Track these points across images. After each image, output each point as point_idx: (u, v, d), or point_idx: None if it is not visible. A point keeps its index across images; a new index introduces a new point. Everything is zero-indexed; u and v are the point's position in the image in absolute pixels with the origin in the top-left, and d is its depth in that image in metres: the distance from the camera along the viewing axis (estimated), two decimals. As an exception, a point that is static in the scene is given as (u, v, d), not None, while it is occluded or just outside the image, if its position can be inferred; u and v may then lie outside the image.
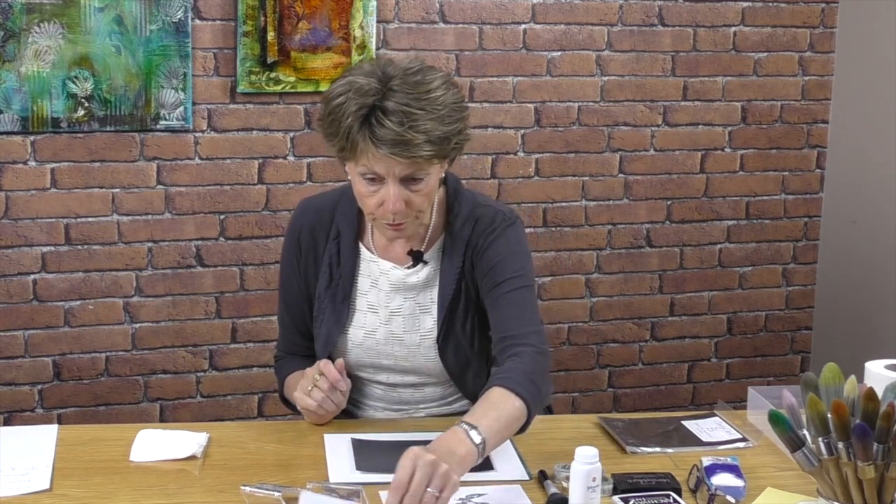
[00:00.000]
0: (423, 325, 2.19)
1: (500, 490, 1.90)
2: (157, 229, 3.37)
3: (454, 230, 2.17)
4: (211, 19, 3.30)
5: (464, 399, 2.27)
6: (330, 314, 2.20)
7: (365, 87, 1.97)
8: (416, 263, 2.18)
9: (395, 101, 1.95)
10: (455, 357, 2.19)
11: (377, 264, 2.20)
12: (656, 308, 3.88)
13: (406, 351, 2.20)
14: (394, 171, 1.98)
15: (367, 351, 2.21)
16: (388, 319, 2.20)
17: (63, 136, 3.24)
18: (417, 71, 2.01)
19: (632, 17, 3.67)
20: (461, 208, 2.19)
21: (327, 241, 2.21)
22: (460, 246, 2.16)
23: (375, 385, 2.27)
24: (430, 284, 2.19)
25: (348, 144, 1.99)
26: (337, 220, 2.22)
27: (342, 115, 1.97)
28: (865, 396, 1.59)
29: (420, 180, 2.01)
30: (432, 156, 1.98)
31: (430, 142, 1.96)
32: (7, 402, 3.33)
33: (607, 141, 3.73)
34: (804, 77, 3.88)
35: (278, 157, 3.44)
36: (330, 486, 1.85)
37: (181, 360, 3.47)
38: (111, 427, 2.32)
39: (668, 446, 2.09)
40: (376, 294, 2.20)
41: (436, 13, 3.49)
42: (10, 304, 3.29)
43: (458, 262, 2.16)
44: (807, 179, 3.95)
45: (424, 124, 1.95)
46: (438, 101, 1.98)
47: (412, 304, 2.20)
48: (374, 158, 1.97)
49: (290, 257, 2.27)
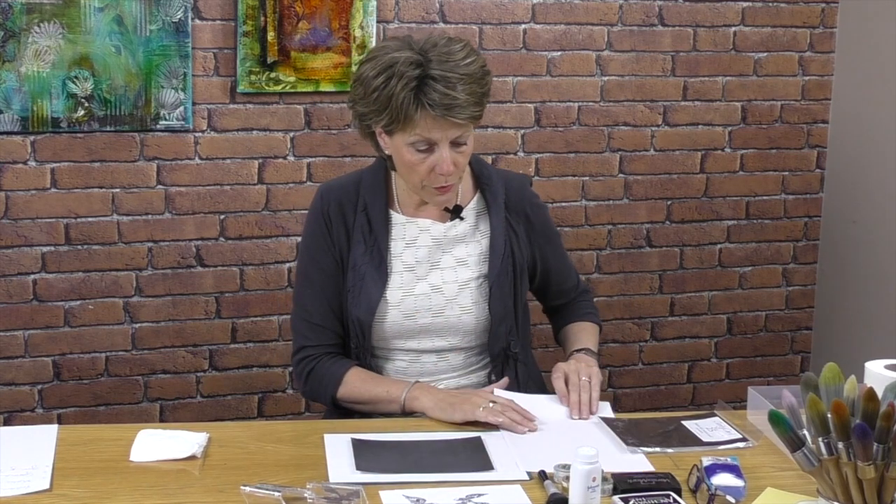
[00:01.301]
0: (460, 277, 2.34)
1: (500, 490, 1.90)
2: (157, 229, 3.38)
3: (493, 189, 2.37)
4: (211, 19, 3.30)
5: (481, 371, 2.37)
6: (370, 278, 2.30)
7: (408, 60, 2.13)
8: (455, 217, 2.34)
9: (439, 69, 2.13)
10: (500, 304, 2.34)
11: (414, 223, 2.35)
12: (656, 308, 3.89)
13: (444, 302, 2.32)
14: (447, 134, 2.16)
15: (405, 311, 2.31)
16: (427, 273, 2.32)
17: (63, 136, 3.24)
18: (446, 42, 2.19)
19: (632, 17, 3.67)
20: (488, 171, 2.40)
21: (356, 213, 2.32)
22: (500, 202, 2.36)
23: (402, 355, 2.35)
24: (466, 239, 2.35)
25: (401, 116, 2.14)
26: (363, 193, 2.34)
27: (394, 90, 2.13)
28: (865, 396, 1.59)
29: (464, 143, 2.20)
30: (478, 116, 2.19)
31: (476, 103, 2.16)
32: (7, 402, 3.33)
33: (607, 141, 3.73)
34: (804, 77, 3.88)
35: (278, 157, 3.44)
36: (330, 486, 1.85)
37: (181, 360, 3.47)
38: (111, 427, 2.31)
39: (668, 446, 2.09)
40: (413, 252, 2.34)
41: (436, 13, 3.49)
42: (10, 304, 3.29)
43: (503, 218, 2.35)
44: (807, 179, 3.95)
45: (467, 87, 2.14)
46: (471, 68, 2.17)
47: (450, 258, 2.34)
48: (430, 125, 2.14)
49: (318, 238, 2.35)
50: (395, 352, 2.36)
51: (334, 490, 1.84)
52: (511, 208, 2.38)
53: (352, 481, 1.89)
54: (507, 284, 2.35)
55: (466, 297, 2.33)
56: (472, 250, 2.35)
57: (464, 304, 2.33)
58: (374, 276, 2.31)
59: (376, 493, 1.86)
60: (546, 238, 2.46)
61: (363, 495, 1.82)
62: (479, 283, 2.34)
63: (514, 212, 2.39)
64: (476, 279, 2.34)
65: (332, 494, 1.82)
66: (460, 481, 1.92)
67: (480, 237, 2.37)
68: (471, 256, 2.35)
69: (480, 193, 2.38)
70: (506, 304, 2.35)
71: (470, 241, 2.36)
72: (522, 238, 2.39)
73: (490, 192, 2.37)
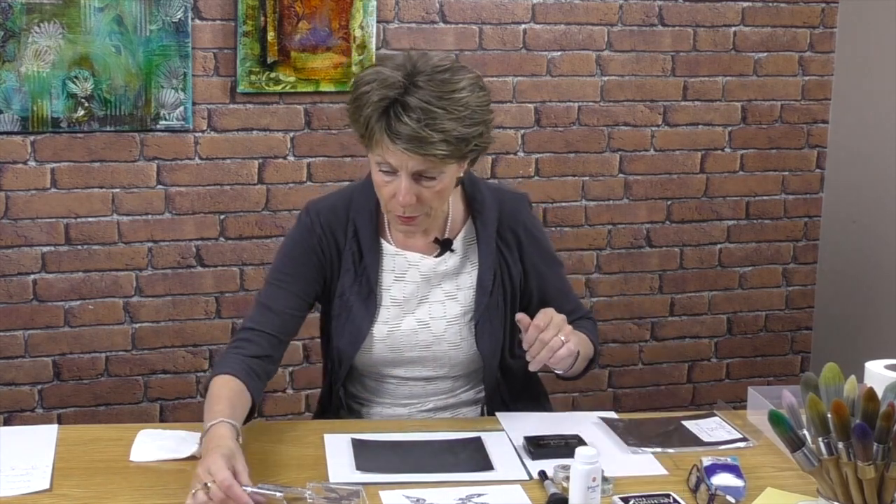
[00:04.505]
0: (448, 312, 2.23)
1: (500, 490, 1.90)
2: (157, 229, 3.38)
3: (484, 219, 2.23)
4: (211, 19, 3.30)
5: (469, 390, 2.30)
6: (357, 310, 2.21)
7: (390, 80, 2.00)
8: (444, 252, 2.23)
9: (417, 97, 1.98)
10: (489, 341, 2.24)
11: (403, 257, 2.23)
12: (656, 308, 3.88)
13: (432, 339, 2.23)
14: (406, 165, 2.01)
15: (391, 345, 2.23)
16: (415, 308, 2.23)
17: (63, 136, 3.24)
18: (447, 69, 2.04)
19: (632, 17, 3.67)
20: (482, 195, 2.25)
21: (346, 238, 2.22)
22: (491, 232, 2.23)
23: (389, 380, 2.28)
24: (456, 272, 2.24)
25: (367, 133, 2.03)
26: (352, 216, 2.22)
27: (364, 104, 2.01)
28: (865, 396, 1.59)
29: (433, 178, 2.05)
30: (447, 156, 2.01)
31: (447, 141, 1.99)
32: (7, 402, 3.33)
33: (607, 141, 3.73)
34: (804, 77, 3.88)
35: (278, 157, 3.44)
36: (330, 486, 1.85)
37: (181, 360, 3.47)
38: (111, 427, 2.31)
39: (668, 446, 2.09)
40: (401, 287, 2.23)
41: (436, 13, 3.49)
42: (10, 304, 3.29)
43: (493, 250, 2.23)
44: (807, 179, 3.95)
45: (443, 124, 1.98)
46: (462, 102, 2.01)
47: (439, 292, 2.24)
48: (389, 151, 2.00)
49: (308, 255, 2.21)
50: (384, 376, 2.28)
51: (334, 490, 1.84)
52: (502, 232, 2.25)
53: (352, 481, 1.89)
54: (498, 318, 2.24)
55: (454, 334, 2.23)
56: (462, 283, 2.24)
57: (452, 340, 2.23)
58: (362, 308, 2.21)
59: (376, 493, 1.86)
60: (541, 257, 2.31)
61: (363, 495, 1.82)
62: (467, 318, 2.24)
63: (505, 235, 2.26)
64: (464, 315, 2.24)
65: (332, 494, 1.82)
66: (460, 481, 1.92)
67: (471, 268, 2.25)
68: (460, 290, 2.24)
69: (472, 221, 2.26)
70: (496, 339, 2.24)
71: (460, 273, 2.24)
72: (514, 262, 2.27)
73: (481, 221, 2.24)
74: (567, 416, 2.31)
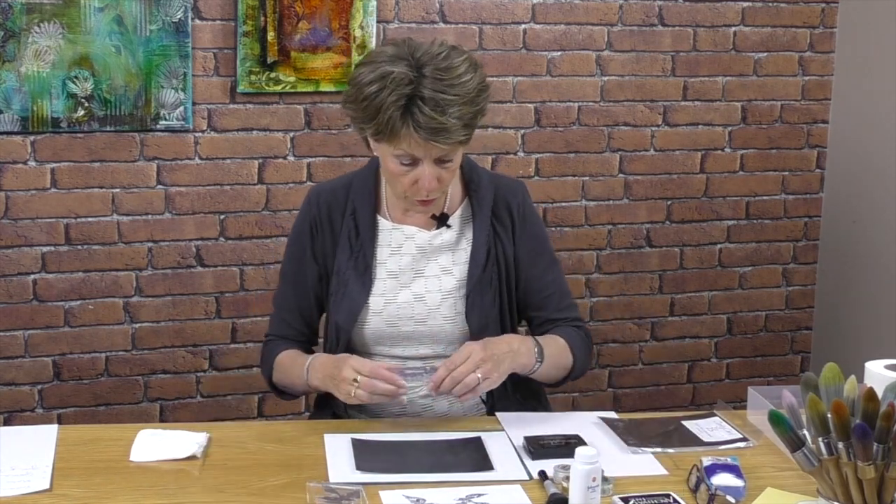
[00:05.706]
0: (444, 286, 2.29)
1: (500, 490, 1.90)
2: (157, 229, 3.38)
3: (480, 197, 2.31)
4: (211, 19, 3.30)
5: None
6: (353, 284, 2.28)
7: (398, 76, 2.07)
8: (441, 226, 2.31)
9: (430, 88, 2.07)
10: (478, 316, 2.28)
11: (400, 230, 2.31)
12: (656, 308, 3.88)
13: (427, 311, 2.28)
14: (430, 153, 2.11)
15: (388, 319, 2.27)
16: (411, 281, 2.29)
17: (63, 136, 3.24)
18: (446, 55, 2.12)
19: (632, 17, 3.67)
20: (478, 176, 2.34)
21: (343, 217, 2.31)
22: (487, 210, 2.31)
23: (388, 360, 2.30)
24: (452, 247, 2.31)
25: (387, 130, 2.09)
26: (352, 197, 2.32)
27: (381, 105, 2.07)
28: (865, 396, 1.59)
29: (450, 160, 2.16)
30: (465, 139, 2.13)
31: (466, 125, 2.10)
32: (7, 402, 3.33)
33: (607, 141, 3.73)
34: (804, 77, 3.88)
35: (278, 157, 3.44)
36: (330, 486, 1.85)
37: (181, 360, 3.47)
38: (111, 427, 2.31)
39: (668, 446, 2.09)
40: (397, 260, 2.30)
41: (436, 13, 3.49)
42: (10, 304, 3.29)
43: (488, 226, 2.30)
44: (807, 179, 3.95)
45: (458, 109, 2.08)
46: (467, 86, 2.10)
47: (435, 266, 2.30)
48: (415, 144, 2.09)
49: (303, 241, 2.35)
50: (379, 357, 2.30)
51: (334, 490, 1.84)
52: (497, 212, 2.32)
53: (352, 481, 1.89)
54: (490, 294, 2.29)
55: (449, 307, 2.28)
56: (457, 259, 2.30)
57: (446, 314, 2.28)
58: (358, 282, 2.28)
59: (376, 493, 1.86)
60: (531, 245, 2.35)
61: (363, 495, 1.82)
62: (462, 293, 2.29)
63: (500, 215, 2.32)
64: (459, 289, 2.29)
65: (332, 494, 1.82)
66: (460, 481, 1.92)
67: (466, 245, 2.31)
68: (455, 265, 2.30)
69: (468, 200, 2.33)
70: (486, 315, 2.28)
71: (455, 250, 2.31)
72: (508, 241, 2.32)
73: (477, 200, 2.31)
74: (567, 416, 2.32)
